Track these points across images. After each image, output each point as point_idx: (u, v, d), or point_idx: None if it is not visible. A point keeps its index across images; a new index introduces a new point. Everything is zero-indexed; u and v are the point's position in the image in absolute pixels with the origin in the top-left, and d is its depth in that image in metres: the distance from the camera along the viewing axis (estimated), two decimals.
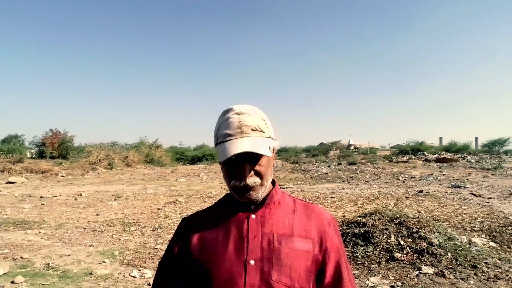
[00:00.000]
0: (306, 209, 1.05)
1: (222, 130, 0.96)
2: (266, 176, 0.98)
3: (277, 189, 1.07)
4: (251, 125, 0.94)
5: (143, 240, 6.33)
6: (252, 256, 0.93)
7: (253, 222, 0.98)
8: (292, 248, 0.95)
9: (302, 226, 1.00)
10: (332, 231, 1.04)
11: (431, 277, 4.17)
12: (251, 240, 0.95)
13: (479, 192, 11.62)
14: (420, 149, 35.84)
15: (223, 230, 0.99)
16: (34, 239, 6.34)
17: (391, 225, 5.35)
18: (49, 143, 35.50)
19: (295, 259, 0.94)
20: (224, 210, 1.04)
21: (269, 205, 1.02)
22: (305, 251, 0.96)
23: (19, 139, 41.26)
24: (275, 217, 1.00)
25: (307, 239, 0.98)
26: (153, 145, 32.68)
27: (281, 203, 1.05)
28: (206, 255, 0.96)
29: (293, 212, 1.03)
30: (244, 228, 0.97)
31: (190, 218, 1.10)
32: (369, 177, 18.03)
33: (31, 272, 4.66)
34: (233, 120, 0.94)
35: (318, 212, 1.05)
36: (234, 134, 0.93)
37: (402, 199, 10.19)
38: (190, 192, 12.93)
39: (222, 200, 1.09)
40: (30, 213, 8.89)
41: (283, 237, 0.96)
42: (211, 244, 0.98)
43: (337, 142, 46.02)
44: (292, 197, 1.10)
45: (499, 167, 20.53)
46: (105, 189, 13.92)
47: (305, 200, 1.11)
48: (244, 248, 0.94)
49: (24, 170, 20.27)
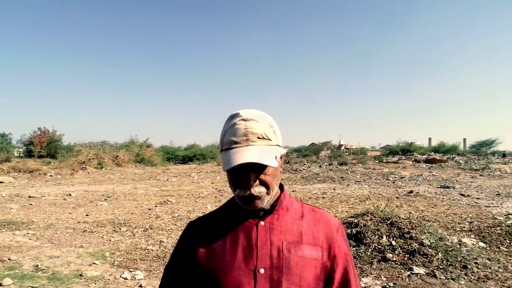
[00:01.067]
0: (314, 215, 1.04)
1: (228, 137, 0.93)
2: (272, 185, 0.95)
3: (285, 194, 1.06)
4: (257, 133, 0.91)
5: (134, 241, 6.26)
6: (262, 264, 0.91)
7: (262, 229, 0.96)
8: (301, 257, 0.94)
9: (311, 233, 0.99)
10: (341, 238, 1.03)
11: (423, 278, 4.21)
12: (260, 248, 0.93)
13: (467, 193, 11.79)
14: (409, 150, 36.17)
15: (230, 237, 0.97)
16: (22, 240, 6.23)
17: (383, 226, 5.40)
18: (37, 142, 34.94)
19: (304, 267, 0.93)
20: (231, 215, 1.01)
21: (278, 211, 1.00)
22: (314, 259, 0.95)
23: (6, 137, 40.53)
24: (284, 224, 0.99)
25: (316, 246, 0.97)
26: (144, 144, 32.37)
27: (289, 208, 1.03)
28: (214, 263, 0.94)
29: (302, 218, 1.02)
30: (253, 236, 0.95)
31: (196, 222, 1.08)
32: (360, 177, 18.15)
33: (20, 274, 4.57)
34: (239, 127, 0.92)
35: (326, 218, 1.05)
36: (240, 142, 0.90)
37: (393, 200, 10.27)
38: (181, 192, 12.85)
39: (228, 204, 1.07)
40: (18, 213, 8.73)
41: (292, 245, 0.95)
42: (218, 251, 0.96)
43: (328, 143, 46.12)
44: (299, 202, 1.09)
45: (487, 168, 20.86)
46: (95, 189, 13.75)
47: (312, 205, 1.10)
48: (253, 256, 0.92)
49: (12, 169, 19.90)
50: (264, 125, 0.94)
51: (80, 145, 26.82)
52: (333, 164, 26.30)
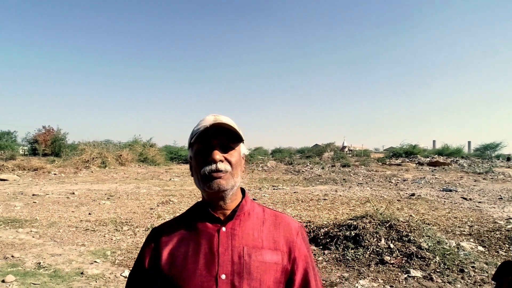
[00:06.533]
0: (275, 219, 1.08)
1: (196, 126, 1.03)
2: (236, 168, 1.03)
3: (247, 199, 1.09)
4: (226, 122, 1.01)
5: (135, 240, 6.33)
6: (223, 270, 0.94)
7: (223, 235, 0.99)
8: (262, 261, 0.97)
9: (271, 237, 1.03)
10: (300, 240, 1.06)
11: (419, 281, 4.24)
12: (222, 254, 0.96)
13: (470, 196, 11.76)
14: (413, 152, 36.00)
15: (193, 243, 1.00)
16: (25, 238, 6.32)
17: (382, 229, 5.43)
18: (42, 140, 35.17)
19: (265, 272, 0.96)
20: (195, 221, 1.04)
21: (239, 217, 1.04)
22: (275, 263, 0.98)
23: (11, 135, 40.78)
24: (245, 229, 1.02)
25: (277, 250, 1.00)
26: (147, 144, 32.45)
27: (251, 213, 1.07)
28: (176, 270, 0.96)
29: (263, 223, 1.06)
30: (214, 242, 0.98)
31: (160, 229, 1.11)
32: (362, 179, 18.14)
33: (22, 271, 4.65)
34: (208, 117, 1.03)
35: (286, 222, 1.08)
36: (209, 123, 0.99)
37: (394, 202, 10.28)
38: (184, 192, 12.92)
39: (192, 210, 1.10)
40: (22, 211, 8.84)
41: (253, 250, 0.98)
42: (181, 258, 0.98)
43: (332, 144, 46.08)
44: (261, 206, 1.13)
45: (490, 171, 20.76)
46: (98, 188, 13.86)
47: (274, 209, 1.14)
48: (215, 262, 0.95)
49: (16, 167, 20.08)
50: (232, 121, 1.05)
51: (84, 144, 26.90)
52: (336, 166, 26.30)
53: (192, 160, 1.05)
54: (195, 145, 1.03)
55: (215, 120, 1.00)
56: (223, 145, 1.01)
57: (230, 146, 1.02)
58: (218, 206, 1.03)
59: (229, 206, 1.04)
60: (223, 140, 1.01)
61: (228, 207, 1.04)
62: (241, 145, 1.07)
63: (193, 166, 1.05)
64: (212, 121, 0.99)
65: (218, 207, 1.03)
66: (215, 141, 1.00)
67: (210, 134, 0.99)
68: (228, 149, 1.02)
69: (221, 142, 1.00)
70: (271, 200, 10.95)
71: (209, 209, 1.02)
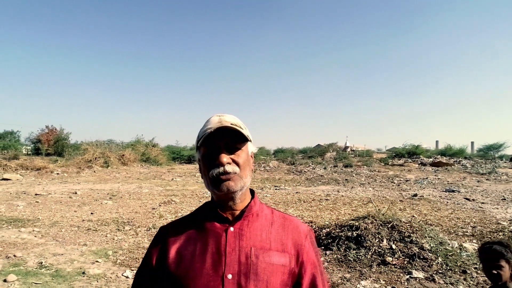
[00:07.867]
0: (284, 221, 1.08)
1: (203, 128, 1.03)
2: (244, 168, 1.02)
3: (256, 200, 1.09)
4: (230, 121, 1.01)
5: (137, 240, 6.34)
6: (230, 270, 0.94)
7: (231, 235, 0.99)
8: (269, 263, 0.96)
9: (279, 239, 1.02)
10: (309, 244, 1.06)
11: (421, 282, 4.22)
12: (229, 254, 0.96)
13: (472, 197, 11.71)
14: (416, 153, 35.86)
15: (200, 243, 1.00)
16: (27, 237, 6.34)
17: (384, 229, 5.40)
18: (44, 140, 35.24)
19: (272, 273, 0.95)
20: (203, 221, 1.05)
21: (248, 217, 1.04)
22: (282, 265, 0.98)
23: (14, 135, 40.95)
24: (253, 230, 1.02)
25: (284, 253, 1.00)
26: (150, 144, 32.52)
27: (260, 214, 1.07)
28: (184, 269, 0.97)
29: (271, 225, 1.05)
30: (222, 242, 0.98)
31: (169, 227, 1.11)
32: (364, 180, 18.10)
33: (24, 270, 4.66)
34: (213, 118, 1.03)
35: (295, 225, 1.08)
36: (214, 126, 0.99)
37: (396, 203, 10.25)
38: (186, 192, 12.94)
39: (200, 209, 1.11)
40: (24, 210, 8.87)
41: (260, 251, 0.98)
42: (188, 257, 0.98)
43: (334, 144, 45.99)
44: (270, 208, 1.12)
45: (494, 172, 20.66)
46: (100, 188, 13.89)
47: (283, 212, 1.14)
48: (222, 262, 0.95)
49: (19, 167, 20.15)
50: (237, 120, 1.06)
51: (86, 144, 26.98)
52: (338, 166, 26.25)
53: (201, 162, 1.06)
54: (202, 148, 1.03)
55: (220, 122, 1.00)
56: (229, 147, 1.01)
57: (237, 147, 1.02)
58: (227, 206, 1.03)
59: (238, 206, 1.04)
60: (229, 141, 1.01)
61: (237, 207, 1.04)
62: (249, 143, 1.07)
63: (201, 169, 1.06)
64: (217, 124, 0.99)
65: (227, 207, 1.03)
66: (221, 144, 1.00)
67: (216, 137, 0.99)
68: (235, 150, 1.02)
69: (227, 143, 1.00)
70: (273, 200, 10.94)
71: (217, 209, 1.02)
